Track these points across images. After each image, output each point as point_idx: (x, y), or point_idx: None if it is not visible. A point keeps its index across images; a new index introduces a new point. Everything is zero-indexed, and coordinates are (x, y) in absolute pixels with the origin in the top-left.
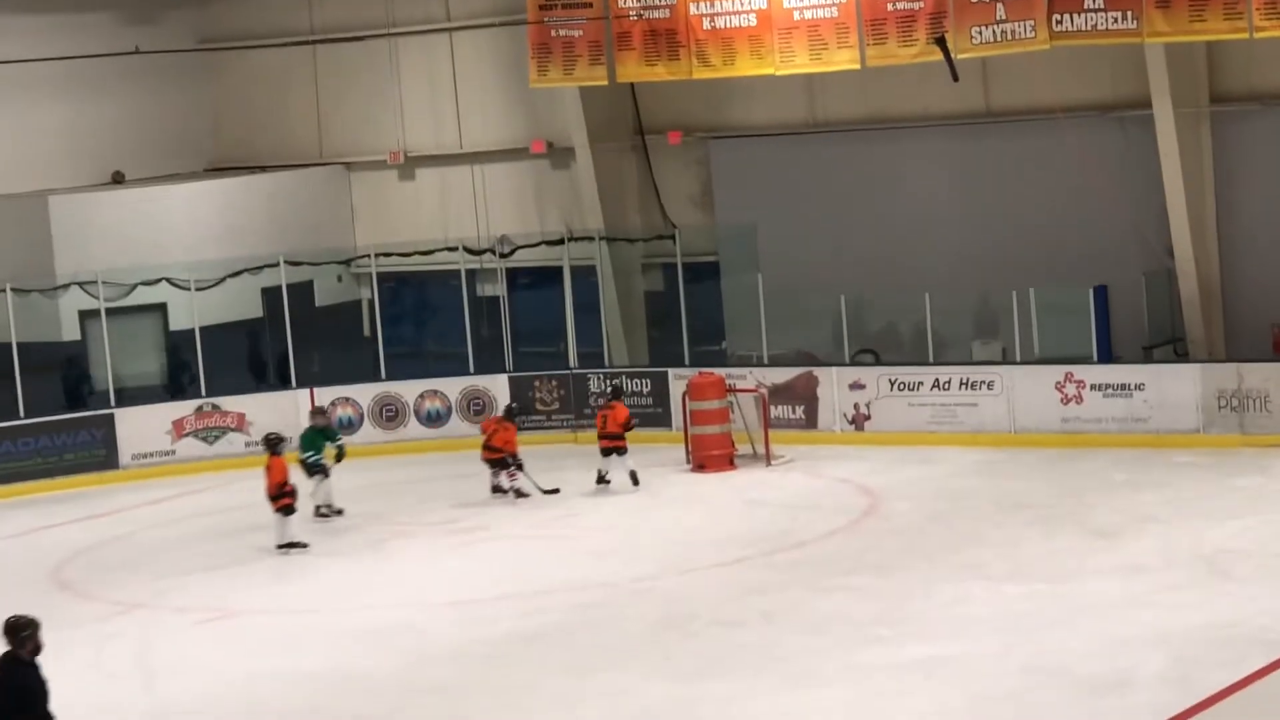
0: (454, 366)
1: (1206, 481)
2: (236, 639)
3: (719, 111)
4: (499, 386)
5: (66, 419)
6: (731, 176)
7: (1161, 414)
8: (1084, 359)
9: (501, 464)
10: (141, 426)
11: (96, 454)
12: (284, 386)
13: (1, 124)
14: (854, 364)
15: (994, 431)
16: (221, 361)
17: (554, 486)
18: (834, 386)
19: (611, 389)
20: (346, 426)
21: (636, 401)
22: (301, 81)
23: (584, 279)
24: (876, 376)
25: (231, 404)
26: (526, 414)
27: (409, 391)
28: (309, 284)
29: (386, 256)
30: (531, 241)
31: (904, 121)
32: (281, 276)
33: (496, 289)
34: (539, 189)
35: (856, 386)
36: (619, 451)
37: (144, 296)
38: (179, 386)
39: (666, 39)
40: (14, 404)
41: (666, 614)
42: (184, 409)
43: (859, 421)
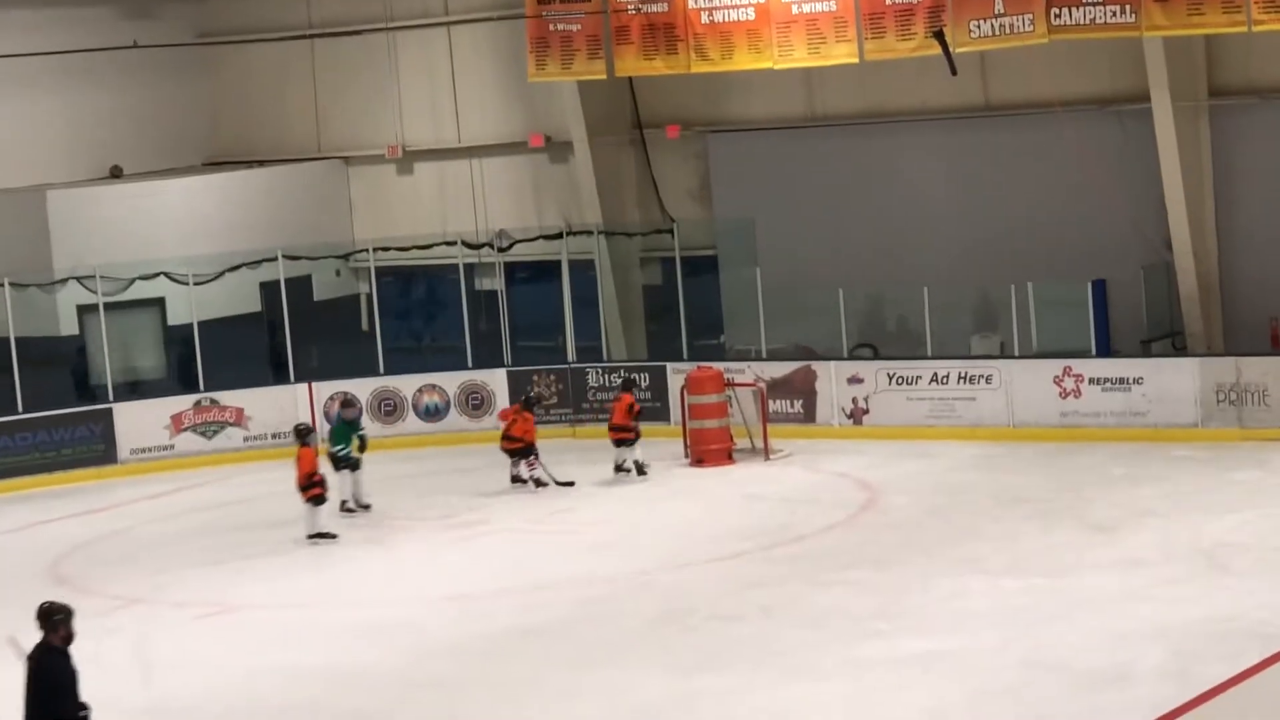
0: (452, 361)
1: (1205, 475)
2: (235, 634)
3: (717, 105)
4: (497, 381)
5: (65, 414)
6: (730, 170)
7: (1160, 408)
8: (1082, 353)
9: (521, 453)
10: (140, 421)
11: (95, 449)
12: (282, 381)
13: (0, 118)
14: (852, 358)
15: (992, 425)
16: (220, 356)
17: (569, 479)
18: (832, 381)
19: (622, 381)
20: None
21: (635, 395)
22: (300, 76)
23: (582, 273)
24: (875, 371)
25: (230, 399)
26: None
27: (407, 386)
28: (307, 278)
29: (385, 251)
30: (530, 236)
31: (902, 115)
32: (280, 271)
33: (495, 283)
34: (537, 183)
35: (855, 381)
36: (626, 443)
37: (142, 291)
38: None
39: (665, 33)
40: (12, 399)
41: (665, 608)
42: (182, 404)
43: (857, 416)
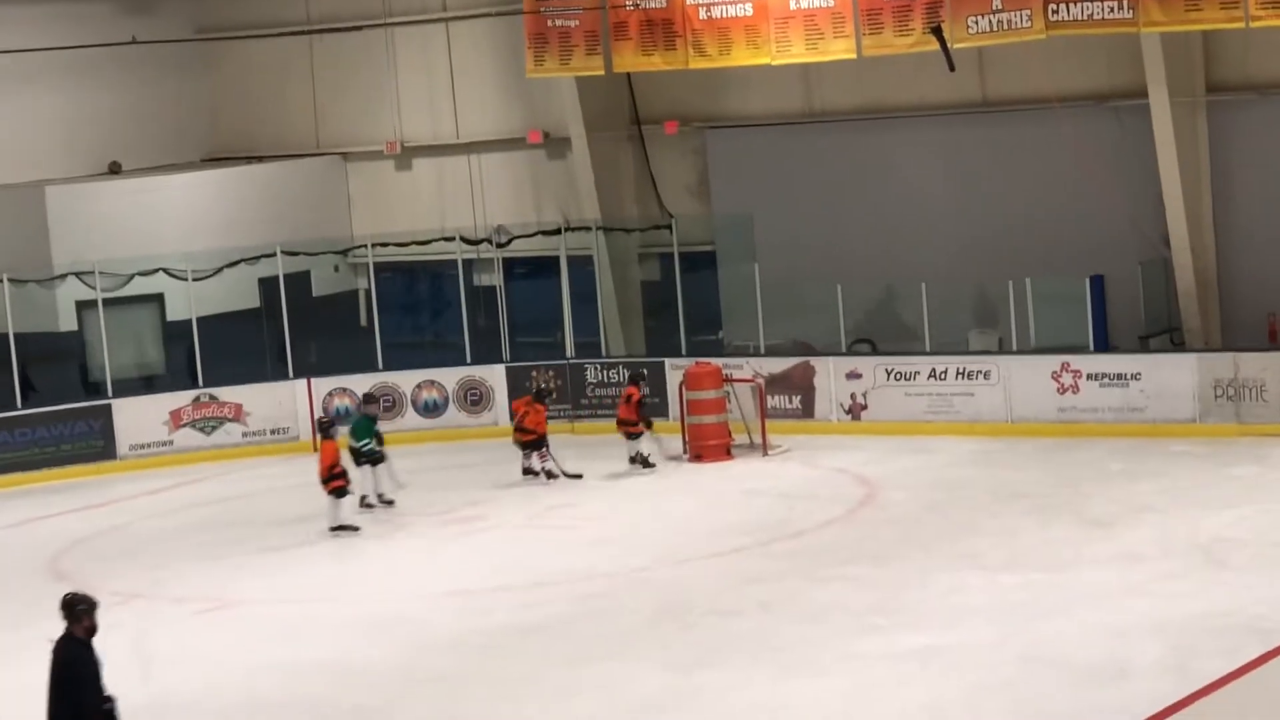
0: (451, 356)
1: (1203, 471)
2: (235, 629)
3: (715, 101)
4: (496, 376)
5: (64, 409)
6: (728, 166)
7: (1158, 403)
8: (1080, 348)
9: (534, 445)
10: (139, 417)
11: (94, 444)
12: (281, 377)
13: None
14: (850, 354)
15: (990, 421)
16: (219, 352)
17: (578, 471)
18: (830, 376)
19: (629, 375)
20: (344, 416)
21: (640, 388)
22: (298, 72)
23: (581, 269)
24: (873, 366)
25: (229, 394)
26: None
27: (406, 381)
28: (306, 274)
29: (383, 246)
30: (528, 231)
31: (900, 111)
32: (279, 266)
33: (493, 279)
34: (535, 179)
35: (853, 376)
36: (632, 435)
37: (141, 287)
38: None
39: (663, 29)
40: (11, 394)
41: (664, 604)
42: (181, 399)
43: (856, 411)
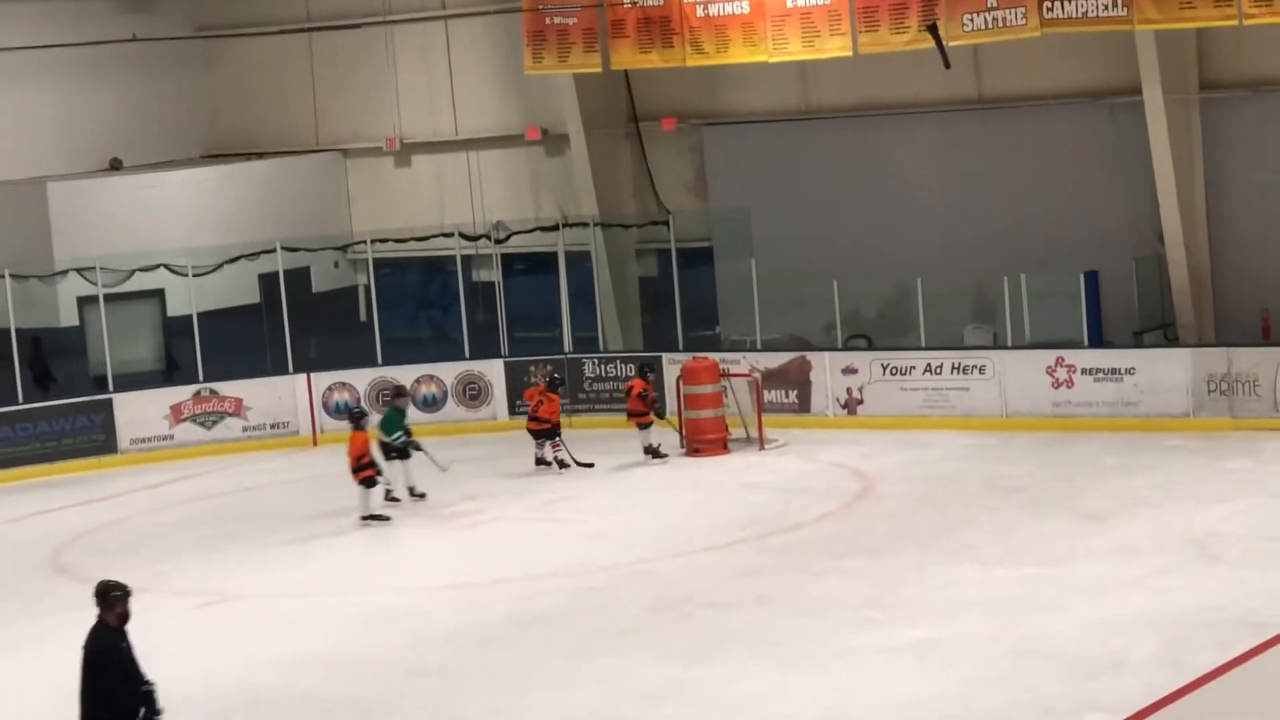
0: (450, 352)
1: (1196, 465)
2: (235, 623)
3: (713, 98)
4: (495, 371)
5: (65, 404)
6: (725, 163)
7: (1152, 398)
8: (1075, 344)
9: (547, 434)
10: (140, 411)
11: (95, 439)
12: (282, 371)
13: (0, 111)
14: (846, 349)
15: (985, 416)
16: (219, 347)
17: (589, 460)
18: (827, 371)
19: (637, 368)
20: (343, 411)
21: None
22: (298, 69)
23: (579, 265)
24: (869, 361)
25: (229, 389)
26: (522, 399)
27: (405, 376)
28: (306, 270)
29: (383, 242)
30: (526, 227)
31: (896, 108)
32: (279, 262)
33: (492, 275)
34: (534, 175)
35: (849, 371)
36: (643, 426)
37: (142, 282)
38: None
39: (660, 26)
40: (13, 389)
41: (662, 597)
42: (182, 394)
43: (852, 406)
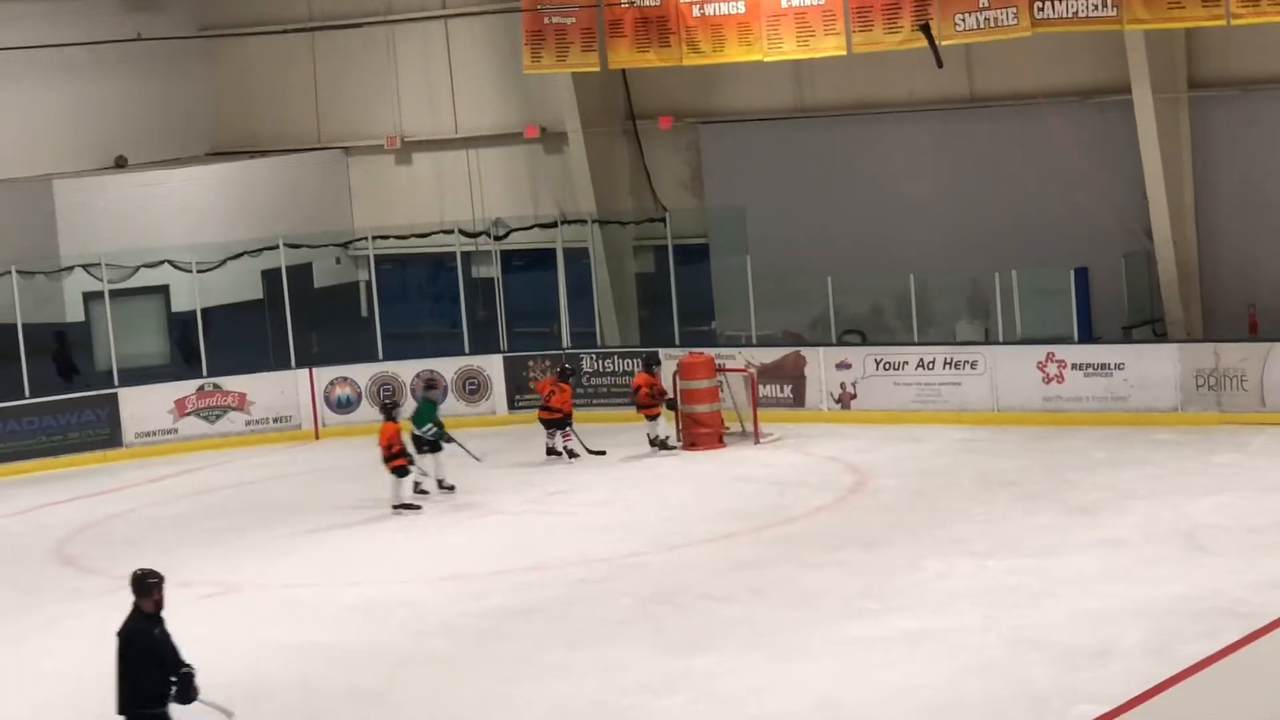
0: (449, 347)
1: (1185, 458)
2: (238, 613)
3: (709, 97)
4: (494, 366)
5: (71, 399)
6: (721, 160)
7: (1141, 393)
8: (1065, 339)
9: (558, 424)
10: (144, 406)
11: (100, 433)
12: (284, 366)
13: (7, 109)
14: (840, 344)
15: (977, 410)
16: (222, 342)
17: (600, 448)
18: (821, 366)
19: (643, 361)
20: (345, 406)
21: (629, 381)
22: (301, 68)
23: (577, 261)
24: (862, 356)
25: (232, 384)
26: (521, 393)
27: (406, 371)
28: (308, 266)
29: (384, 239)
30: (525, 224)
31: (890, 107)
32: (281, 259)
33: (491, 271)
34: (533, 173)
35: (843, 366)
36: (650, 418)
37: (146, 278)
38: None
39: (657, 26)
40: (20, 384)
41: (658, 588)
42: (186, 388)
43: (845, 400)
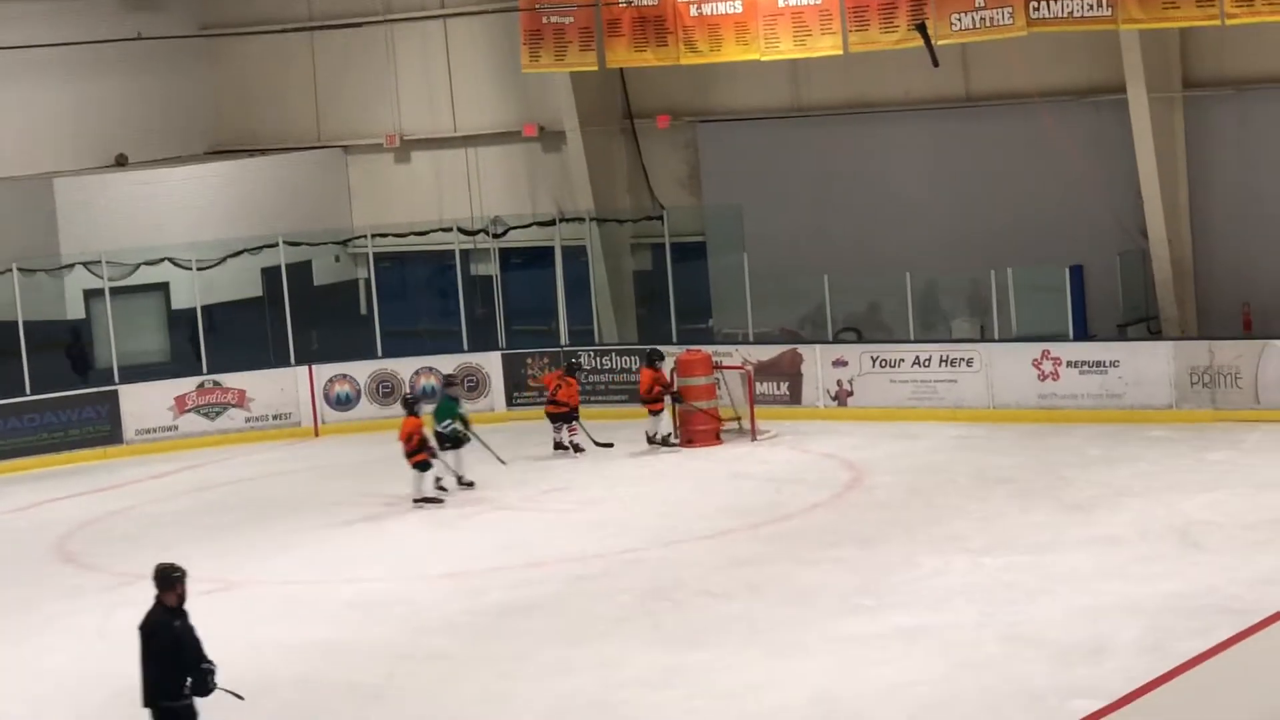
0: (448, 344)
1: (1179, 456)
2: (237, 609)
3: (706, 96)
4: (492, 363)
5: (71, 395)
6: (718, 159)
7: (1135, 390)
8: (1060, 337)
9: (564, 418)
10: (145, 402)
11: (101, 429)
12: (284, 363)
13: (8, 108)
14: (837, 342)
15: (973, 407)
16: (222, 339)
17: (608, 441)
18: (817, 363)
19: (646, 356)
20: (344, 403)
21: (626, 378)
22: (300, 67)
23: (575, 259)
24: (859, 354)
25: (232, 381)
26: (520, 390)
27: (405, 368)
28: (307, 264)
29: (383, 237)
30: (523, 222)
31: (886, 106)
32: (281, 256)
33: (489, 268)
34: (531, 171)
35: (839, 363)
36: (654, 414)
37: (147, 276)
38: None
39: (655, 25)
40: (21, 381)
41: (655, 585)
42: (186, 385)
43: (842, 398)
